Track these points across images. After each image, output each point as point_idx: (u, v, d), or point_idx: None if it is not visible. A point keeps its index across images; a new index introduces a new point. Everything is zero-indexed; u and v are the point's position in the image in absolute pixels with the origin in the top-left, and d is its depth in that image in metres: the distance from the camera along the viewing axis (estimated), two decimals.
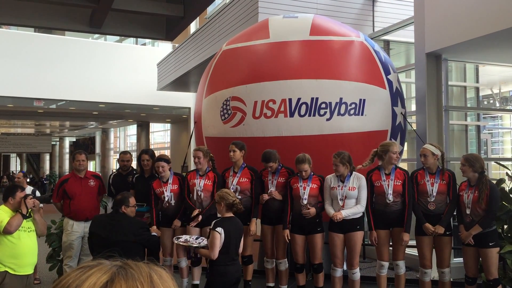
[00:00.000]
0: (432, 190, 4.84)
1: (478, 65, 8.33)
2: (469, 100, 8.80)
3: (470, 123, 8.72)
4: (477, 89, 8.69)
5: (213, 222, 4.15)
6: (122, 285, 0.74)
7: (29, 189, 6.78)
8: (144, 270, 0.78)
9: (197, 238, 4.59)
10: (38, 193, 6.89)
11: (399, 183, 4.89)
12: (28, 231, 4.23)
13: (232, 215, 4.21)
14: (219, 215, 4.40)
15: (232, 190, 5.19)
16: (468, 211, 4.65)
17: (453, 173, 4.96)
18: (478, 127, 8.69)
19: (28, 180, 21.00)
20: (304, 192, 4.96)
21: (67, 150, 30.16)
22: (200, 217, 5.05)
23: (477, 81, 8.56)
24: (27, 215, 4.17)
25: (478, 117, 8.98)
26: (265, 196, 5.19)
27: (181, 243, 4.57)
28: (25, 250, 4.16)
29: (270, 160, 5.17)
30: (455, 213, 4.97)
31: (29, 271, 4.23)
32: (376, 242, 4.92)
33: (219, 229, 3.98)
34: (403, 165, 8.83)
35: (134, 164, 6.61)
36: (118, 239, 4.23)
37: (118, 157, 6.26)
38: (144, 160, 5.64)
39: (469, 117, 8.83)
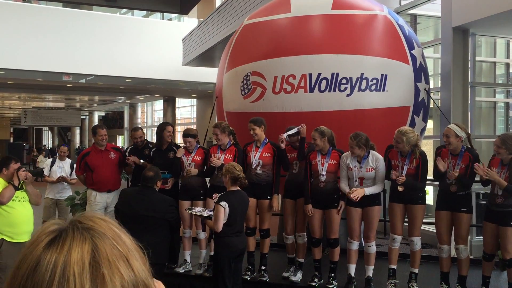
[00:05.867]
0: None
1: (509, 40, 8.07)
2: (499, 76, 8.56)
3: (499, 100, 8.49)
4: (507, 65, 8.44)
5: (218, 195, 4.29)
6: (106, 248, 0.73)
7: (68, 161, 7.12)
8: (104, 223, 0.78)
9: (210, 210, 4.77)
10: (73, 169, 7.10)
11: (412, 167, 4.78)
12: (23, 201, 4.37)
13: (237, 188, 4.33)
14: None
15: (254, 165, 5.23)
16: (500, 192, 4.51)
17: (474, 155, 4.71)
18: (507, 104, 8.47)
19: (46, 156, 21.39)
20: (322, 168, 4.95)
21: (96, 124, 30.78)
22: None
23: (508, 57, 8.31)
24: (19, 186, 4.30)
25: (508, 94, 8.73)
26: (282, 136, 5.09)
27: (193, 213, 4.86)
28: (20, 219, 4.31)
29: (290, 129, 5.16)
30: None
31: (26, 238, 4.35)
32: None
33: (223, 203, 4.13)
34: (428, 142, 8.69)
35: (148, 138, 6.74)
36: (146, 214, 4.32)
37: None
38: (170, 131, 5.78)
39: (498, 94, 8.59)
